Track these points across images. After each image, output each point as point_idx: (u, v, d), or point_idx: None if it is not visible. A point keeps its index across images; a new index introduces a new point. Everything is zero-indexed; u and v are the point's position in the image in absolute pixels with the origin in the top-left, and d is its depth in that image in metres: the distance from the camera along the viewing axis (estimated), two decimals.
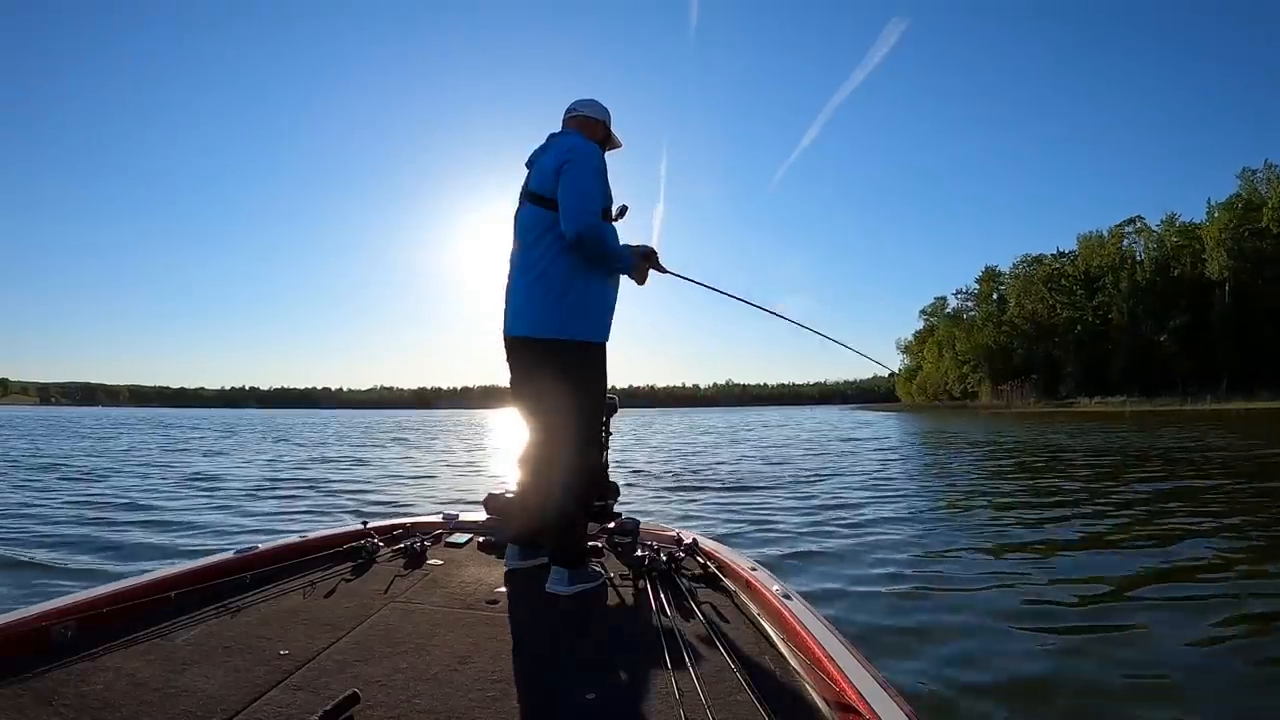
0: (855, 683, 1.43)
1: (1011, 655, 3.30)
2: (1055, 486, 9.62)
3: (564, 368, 2.47)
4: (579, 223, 2.37)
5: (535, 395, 2.57)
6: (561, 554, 2.42)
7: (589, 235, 2.37)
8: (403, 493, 9.56)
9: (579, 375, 2.49)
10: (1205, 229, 62.80)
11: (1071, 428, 28.12)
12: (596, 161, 2.49)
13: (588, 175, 2.43)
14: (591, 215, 2.39)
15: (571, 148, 2.48)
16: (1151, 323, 64.12)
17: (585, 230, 2.36)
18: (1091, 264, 73.32)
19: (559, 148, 2.51)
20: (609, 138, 2.80)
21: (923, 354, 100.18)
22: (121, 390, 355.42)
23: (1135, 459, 13.64)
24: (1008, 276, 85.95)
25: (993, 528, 6.57)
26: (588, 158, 2.47)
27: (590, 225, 2.37)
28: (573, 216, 2.38)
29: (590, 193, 2.42)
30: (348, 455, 16.51)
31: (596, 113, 2.74)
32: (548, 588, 2.39)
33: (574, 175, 2.42)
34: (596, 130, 2.72)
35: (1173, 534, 6.05)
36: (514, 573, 2.58)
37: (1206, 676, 3.05)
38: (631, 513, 3.19)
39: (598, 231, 2.40)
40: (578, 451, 2.49)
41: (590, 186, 2.43)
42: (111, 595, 1.92)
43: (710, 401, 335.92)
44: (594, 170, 2.46)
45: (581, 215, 2.37)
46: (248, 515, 7.50)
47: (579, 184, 2.41)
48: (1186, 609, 3.95)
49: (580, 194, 2.40)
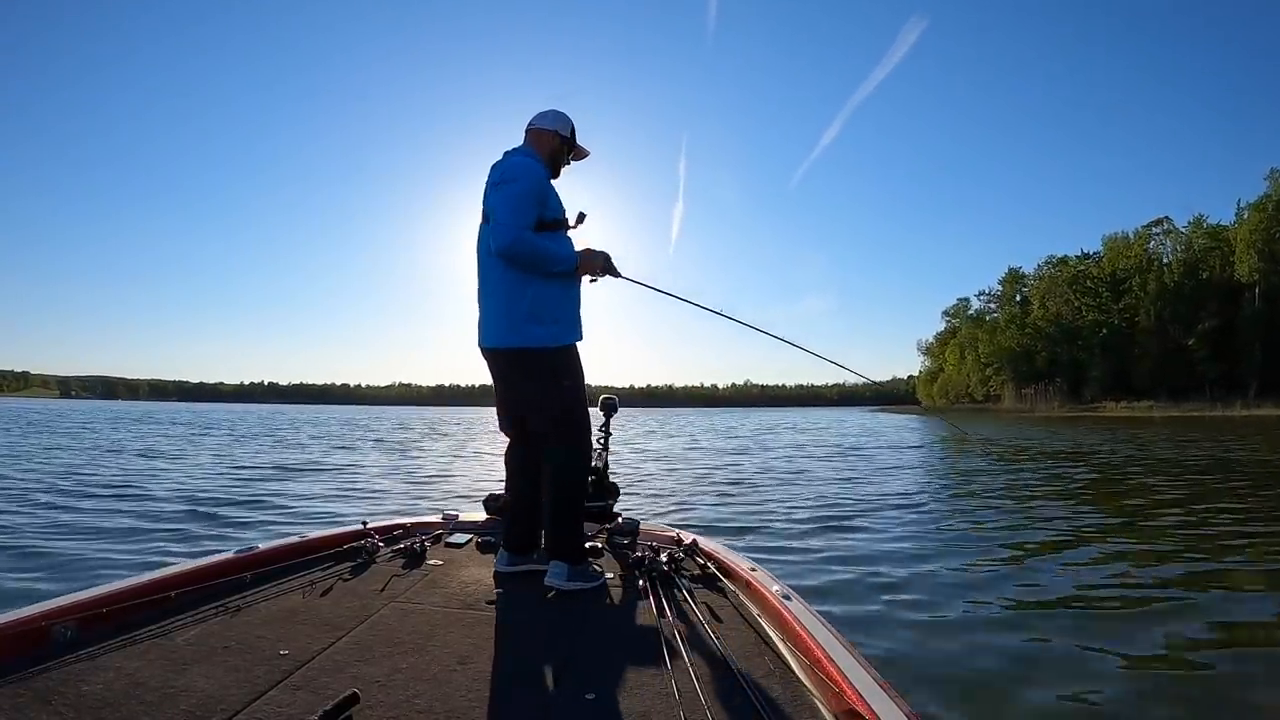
0: (855, 683, 1.43)
1: (1015, 656, 3.29)
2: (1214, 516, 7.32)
3: (533, 374, 2.60)
4: (501, 239, 2.49)
5: (514, 401, 2.72)
6: (560, 548, 2.48)
7: (513, 250, 2.49)
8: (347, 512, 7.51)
9: (549, 379, 2.59)
10: (1234, 230, 61.62)
11: (1117, 432, 26.62)
12: (527, 180, 2.57)
13: (513, 194, 2.53)
14: (513, 230, 2.48)
15: (507, 168, 2.61)
16: (1179, 326, 63.00)
17: (507, 247, 2.48)
18: (1117, 266, 72.22)
19: (498, 168, 2.64)
20: (569, 147, 2.85)
21: (944, 356, 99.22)
22: (141, 384, 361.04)
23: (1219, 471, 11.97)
24: (1032, 278, 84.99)
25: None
26: (517, 177, 2.56)
27: (512, 241, 2.48)
28: (497, 233, 2.51)
29: (516, 209, 2.51)
30: (310, 462, 13.88)
31: (547, 123, 2.80)
32: (546, 580, 2.46)
33: (502, 194, 2.55)
34: (548, 141, 2.77)
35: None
36: (507, 575, 2.61)
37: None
38: (631, 513, 3.19)
39: (522, 245, 2.49)
40: (565, 451, 2.58)
41: (516, 204, 2.52)
42: (111, 595, 1.94)
43: (728, 402, 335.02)
44: (521, 189, 2.54)
45: (504, 231, 2.49)
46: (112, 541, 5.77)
47: (505, 202, 2.53)
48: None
49: (506, 210, 2.52)
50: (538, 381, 2.59)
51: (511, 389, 2.71)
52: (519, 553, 2.66)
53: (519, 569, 2.63)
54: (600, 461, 3.31)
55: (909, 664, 3.19)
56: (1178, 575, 4.81)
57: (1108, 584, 4.57)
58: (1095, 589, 4.46)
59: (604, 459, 3.37)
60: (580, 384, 2.67)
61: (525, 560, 2.65)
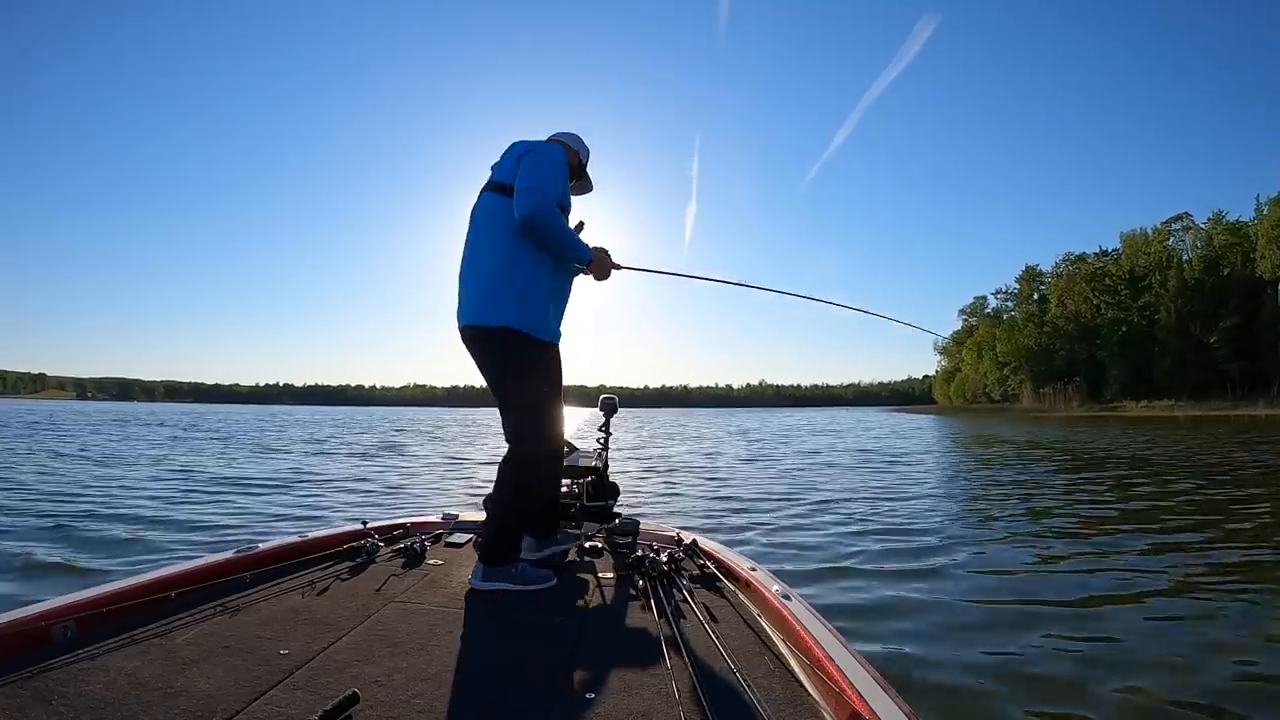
0: (855, 683, 1.42)
1: (1015, 657, 3.26)
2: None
3: (505, 364, 2.46)
4: (531, 202, 2.31)
5: (493, 387, 2.53)
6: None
7: (540, 217, 2.32)
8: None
9: (521, 366, 2.44)
10: (1255, 226, 60.73)
11: (1156, 434, 24.82)
12: (560, 157, 2.50)
13: (548, 163, 2.42)
14: (545, 198, 2.34)
15: (535, 143, 2.50)
16: (1200, 323, 62.13)
17: (536, 211, 2.31)
18: (1136, 263, 71.45)
19: (523, 143, 2.52)
20: (582, 174, 2.82)
21: (961, 355, 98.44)
22: (157, 386, 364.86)
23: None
24: (1049, 276, 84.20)
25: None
26: (551, 152, 2.46)
27: (542, 207, 2.32)
28: (526, 197, 2.32)
29: (549, 178, 2.39)
30: (268, 473, 11.68)
31: (573, 142, 2.75)
32: (523, 553, 2.48)
33: (534, 161, 2.40)
34: (570, 156, 2.69)
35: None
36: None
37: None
38: (631, 513, 3.18)
39: (550, 215, 2.35)
40: (531, 438, 2.48)
41: (550, 173, 2.40)
42: (111, 595, 1.95)
43: (743, 402, 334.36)
44: (555, 161, 2.46)
45: (534, 195, 2.32)
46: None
47: (538, 169, 2.39)
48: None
49: (537, 177, 2.36)
50: (514, 367, 2.43)
51: (490, 374, 2.52)
52: (493, 565, 2.38)
53: (493, 587, 2.35)
54: (600, 461, 3.29)
55: (909, 664, 3.17)
56: (1200, 577, 4.72)
57: (1112, 586, 4.50)
58: (1099, 590, 4.40)
59: (604, 459, 3.35)
60: (555, 386, 2.53)
61: (500, 579, 2.37)
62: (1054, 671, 3.10)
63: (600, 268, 2.62)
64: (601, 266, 2.62)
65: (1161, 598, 4.23)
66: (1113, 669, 3.12)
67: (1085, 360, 73.16)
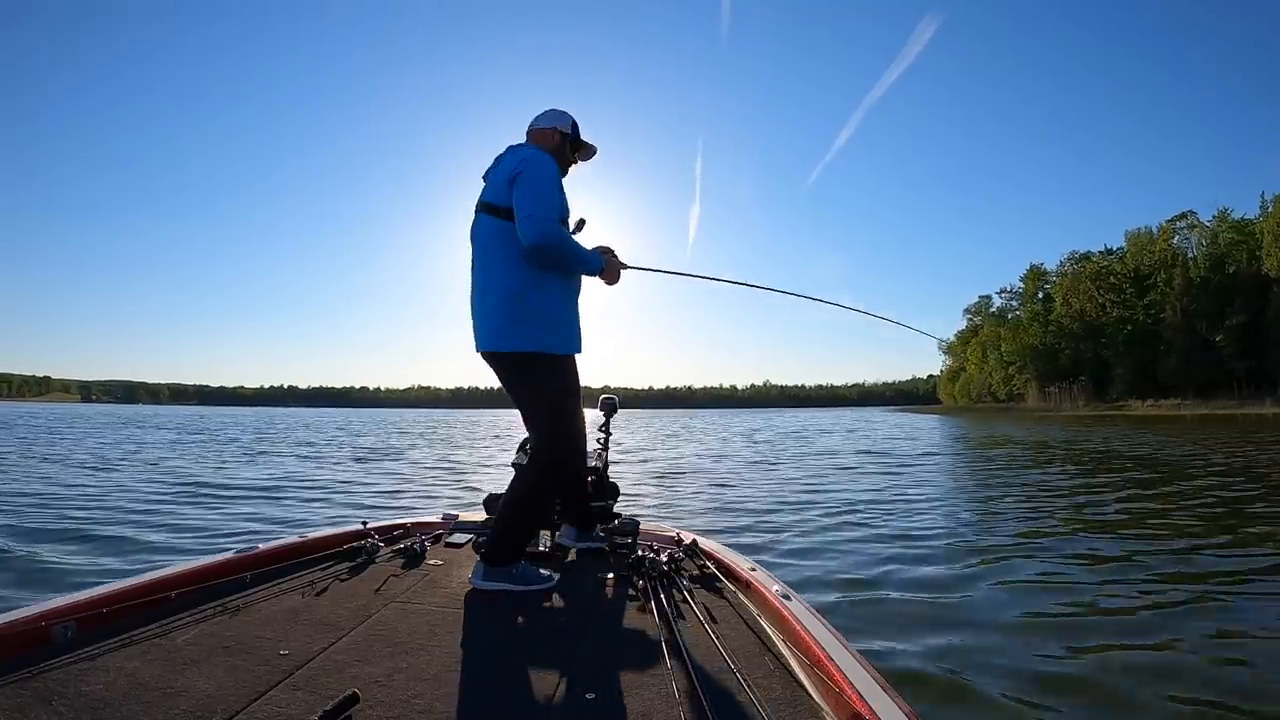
0: (855, 683, 1.42)
1: (1015, 657, 3.25)
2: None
3: (524, 380, 2.49)
4: (537, 230, 2.31)
5: (516, 400, 2.56)
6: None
7: (546, 242, 2.33)
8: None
9: (536, 386, 2.48)
10: (1261, 224, 60.37)
11: (1179, 435, 23.43)
12: (551, 167, 2.47)
13: (543, 181, 2.40)
14: (549, 222, 2.35)
15: (524, 158, 2.46)
16: (1206, 322, 61.79)
17: (543, 238, 2.32)
18: (1141, 261, 71.09)
19: (512, 158, 2.50)
20: (574, 145, 2.76)
21: (966, 355, 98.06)
22: (161, 389, 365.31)
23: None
24: (1054, 274, 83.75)
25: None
26: (542, 166, 2.44)
27: (548, 232, 2.32)
28: (530, 224, 2.32)
29: (546, 196, 2.38)
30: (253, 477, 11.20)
31: (546, 122, 2.71)
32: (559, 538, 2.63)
33: (529, 182, 2.38)
34: (551, 138, 2.68)
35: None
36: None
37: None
38: (631, 513, 3.17)
39: (556, 239, 2.35)
40: (558, 440, 2.48)
41: (547, 191, 2.40)
42: (111, 595, 1.95)
43: (747, 403, 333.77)
44: (549, 175, 2.44)
45: (539, 222, 2.32)
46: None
47: (535, 190, 2.37)
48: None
49: (535, 200, 2.35)
50: (527, 388, 2.49)
51: (512, 391, 2.56)
52: (494, 565, 2.41)
53: (493, 586, 2.38)
54: (600, 461, 3.28)
55: (909, 664, 3.16)
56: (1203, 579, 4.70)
57: (1117, 592, 4.43)
58: (1102, 592, 4.37)
59: (604, 459, 3.35)
60: (576, 394, 2.55)
61: (500, 579, 2.40)
62: (1054, 672, 3.08)
63: (611, 273, 2.63)
64: (612, 272, 2.63)
65: (1177, 608, 4.06)
66: (1113, 669, 3.10)
67: (1090, 359, 72.79)
